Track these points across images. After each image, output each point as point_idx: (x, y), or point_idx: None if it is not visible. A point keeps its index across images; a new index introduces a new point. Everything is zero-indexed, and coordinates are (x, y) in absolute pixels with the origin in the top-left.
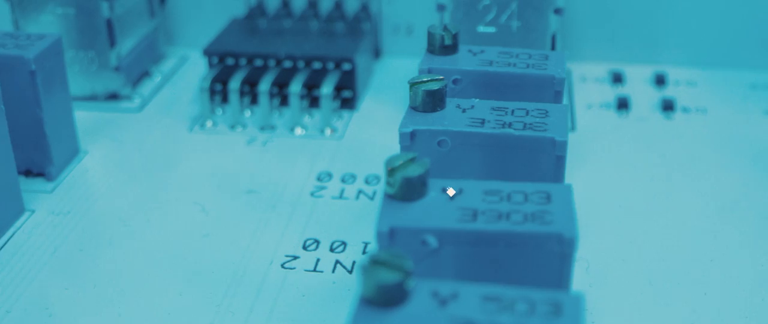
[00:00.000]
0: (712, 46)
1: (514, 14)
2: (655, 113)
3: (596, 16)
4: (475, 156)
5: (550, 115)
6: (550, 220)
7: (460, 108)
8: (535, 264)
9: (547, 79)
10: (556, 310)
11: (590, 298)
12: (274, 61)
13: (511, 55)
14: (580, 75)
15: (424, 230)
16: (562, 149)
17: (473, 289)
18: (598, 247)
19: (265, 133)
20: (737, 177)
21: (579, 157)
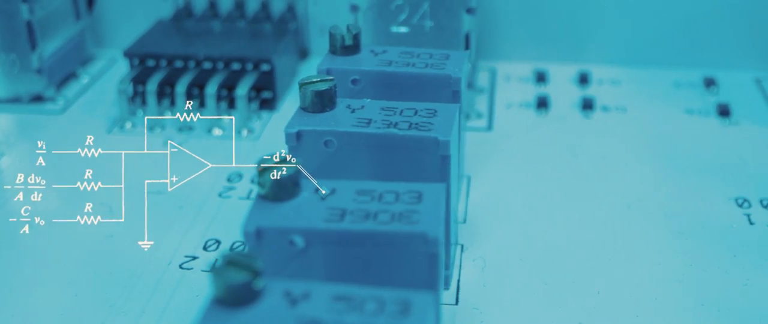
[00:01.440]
0: (637, 44)
1: (426, 14)
2: (574, 112)
3: (522, 15)
4: (361, 156)
5: (439, 114)
6: (417, 220)
7: (350, 108)
8: (404, 264)
9: (444, 79)
10: (404, 310)
11: (483, 297)
12: (193, 62)
13: (412, 55)
14: (505, 74)
15: (291, 230)
16: (445, 149)
17: (325, 289)
18: (498, 246)
19: (183, 134)
20: (646, 176)
21: (492, 156)
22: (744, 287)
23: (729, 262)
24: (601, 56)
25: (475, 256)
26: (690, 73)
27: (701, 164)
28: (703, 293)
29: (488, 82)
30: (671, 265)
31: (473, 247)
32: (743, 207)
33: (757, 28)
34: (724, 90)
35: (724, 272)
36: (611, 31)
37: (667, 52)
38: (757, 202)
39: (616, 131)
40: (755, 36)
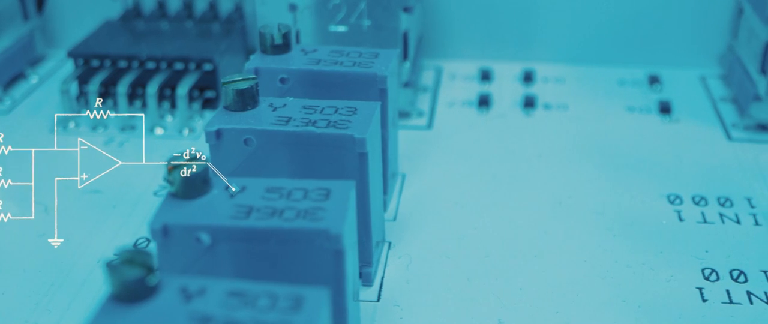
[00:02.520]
0: (583, 43)
1: (363, 13)
2: (515, 110)
3: (469, 14)
4: (281, 154)
5: (359, 112)
6: (322, 217)
7: (272, 107)
8: (309, 260)
9: (371, 77)
10: (296, 305)
11: (405, 294)
12: (137, 62)
13: (341, 54)
14: (450, 73)
15: (197, 227)
16: (362, 146)
17: (221, 285)
18: (426, 243)
19: (125, 134)
20: (580, 173)
21: (429, 154)
22: (667, 283)
23: (655, 258)
24: (547, 55)
25: (401, 254)
26: (635, 71)
27: (638, 161)
28: (625, 289)
29: (433, 80)
30: (597, 262)
31: (401, 245)
32: (675, 204)
33: (703, 27)
34: (668, 88)
35: (649, 268)
36: (558, 29)
37: (613, 51)
38: (689, 198)
39: (556, 129)
40: (701, 34)
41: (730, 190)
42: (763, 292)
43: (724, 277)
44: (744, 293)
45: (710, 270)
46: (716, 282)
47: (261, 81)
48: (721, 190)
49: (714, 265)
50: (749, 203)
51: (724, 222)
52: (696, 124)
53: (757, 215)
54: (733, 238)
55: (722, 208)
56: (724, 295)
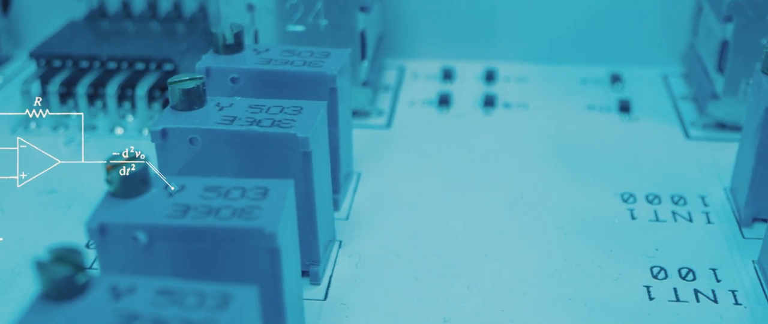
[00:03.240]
0: (546, 42)
1: (320, 13)
2: (475, 109)
3: (432, 14)
4: (226, 153)
5: (304, 112)
6: (257, 215)
7: (219, 106)
8: (246, 259)
9: (320, 76)
10: (223, 303)
11: (352, 293)
12: (98, 62)
13: (293, 54)
14: (413, 72)
15: (133, 226)
16: (305, 145)
17: (152, 284)
18: (377, 242)
19: (86, 134)
20: (536, 172)
21: (386, 154)
22: (614, 282)
23: (604, 257)
24: (510, 54)
25: (351, 252)
26: (598, 70)
27: (594, 160)
28: (573, 288)
29: (395, 80)
30: (546, 260)
31: (352, 243)
32: (628, 202)
33: (665, 25)
34: (629, 86)
35: (597, 267)
36: (521, 29)
37: (576, 50)
38: (643, 197)
39: (515, 128)
40: (663, 33)
41: (685, 189)
42: (711, 290)
43: (673, 275)
44: (691, 291)
45: (659, 268)
46: (664, 280)
47: (212, 81)
48: (676, 189)
49: (663, 264)
50: (703, 201)
51: (677, 220)
52: (655, 123)
53: (710, 213)
54: (684, 236)
55: (675, 206)
56: (671, 294)
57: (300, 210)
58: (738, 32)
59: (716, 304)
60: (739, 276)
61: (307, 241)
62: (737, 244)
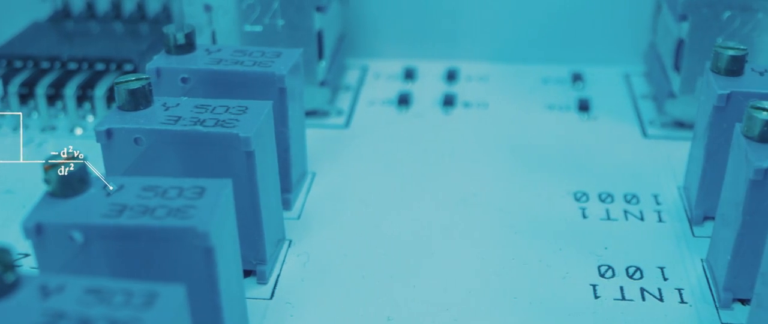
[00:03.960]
0: (508, 41)
1: (277, 13)
2: (434, 108)
3: (394, 13)
4: (171, 153)
5: (249, 111)
6: (192, 215)
7: (165, 106)
8: (181, 258)
9: (269, 76)
10: (149, 302)
11: (299, 292)
12: (59, 63)
13: (244, 54)
14: (375, 72)
15: (69, 226)
16: (248, 145)
17: (80, 283)
18: (327, 241)
19: (45, 134)
20: (490, 170)
21: (342, 153)
22: (561, 280)
23: (553, 255)
24: (473, 53)
25: (300, 252)
26: (560, 69)
27: (550, 159)
28: (519, 286)
29: (357, 79)
30: (494, 259)
31: (301, 243)
32: (581, 201)
33: (627, 24)
34: (590, 85)
35: (545, 266)
36: (484, 28)
37: (539, 49)
38: (596, 196)
39: (473, 127)
40: (625, 32)
41: (638, 187)
42: (657, 289)
43: (620, 273)
44: (637, 290)
45: (607, 267)
46: (611, 279)
47: (163, 81)
48: (629, 187)
49: (611, 262)
50: (656, 200)
51: (628, 219)
52: (613, 122)
53: (662, 212)
54: (634, 234)
55: (628, 205)
56: (617, 292)
57: (244, 209)
58: (693, 31)
59: (662, 302)
60: (687, 274)
61: (253, 241)
62: (687, 242)
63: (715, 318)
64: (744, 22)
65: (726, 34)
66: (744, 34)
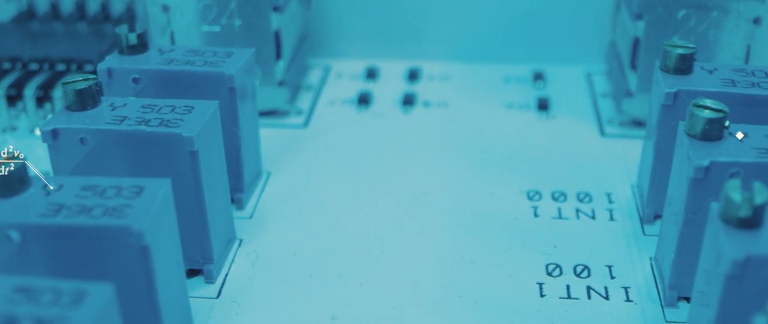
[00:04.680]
0: (470, 41)
1: (234, 13)
2: (394, 108)
3: (358, 13)
4: (117, 153)
5: (194, 111)
6: (128, 214)
7: (112, 106)
8: (119, 257)
9: (218, 76)
10: (77, 300)
11: (246, 291)
12: (20, 63)
13: (196, 54)
14: (338, 72)
15: (6, 225)
16: (191, 144)
17: (9, 281)
18: (277, 240)
19: (6, 135)
20: (446, 169)
21: (299, 153)
22: (508, 279)
23: (501, 253)
24: (435, 53)
25: (250, 251)
26: (521, 68)
27: (506, 158)
28: (464, 285)
29: (319, 79)
30: (442, 258)
31: (252, 242)
32: (533, 200)
33: (589, 23)
34: (551, 84)
35: (493, 264)
36: (446, 27)
37: (501, 48)
38: (549, 194)
39: (431, 126)
40: (587, 31)
41: (592, 186)
42: (603, 287)
43: (568, 272)
44: (584, 288)
45: (555, 265)
46: (558, 277)
47: (115, 81)
48: (583, 186)
49: (560, 261)
50: (609, 199)
51: (579, 218)
52: (572, 120)
53: (614, 211)
54: (585, 233)
55: (580, 203)
56: (563, 291)
57: (190, 209)
58: (649, 29)
59: (607, 301)
60: (634, 273)
61: (200, 240)
62: (637, 241)
63: (659, 316)
64: (699, 21)
65: (681, 33)
66: (699, 33)
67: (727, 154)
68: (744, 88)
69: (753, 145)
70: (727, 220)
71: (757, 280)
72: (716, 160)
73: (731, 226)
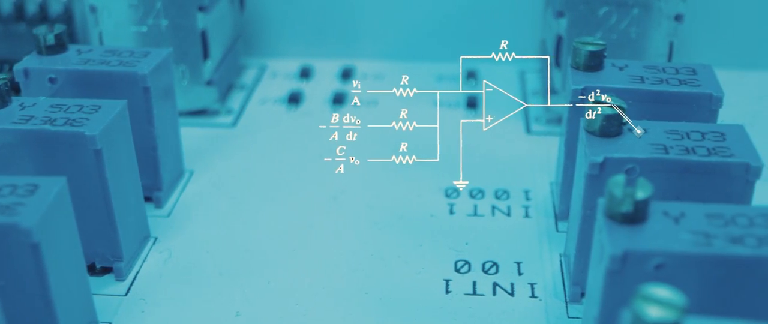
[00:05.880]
0: (405, 39)
1: (160, 13)
2: (324, 107)
3: (294, 13)
4: (24, 153)
5: (101, 110)
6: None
7: (21, 106)
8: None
9: (132, 76)
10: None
11: (155, 288)
12: None
13: (113, 54)
14: (273, 71)
15: None
16: (93, 143)
17: None
18: (192, 239)
19: None
20: (364, 168)
21: (225, 152)
22: (416, 276)
23: (412, 251)
24: (370, 51)
25: (163, 249)
26: (456, 66)
27: (430, 156)
28: (372, 282)
29: (253, 78)
30: (352, 255)
31: (166, 240)
32: (451, 197)
33: (524, 20)
34: (483, 82)
35: (403, 261)
36: (381, 26)
37: (436, 46)
38: (467, 192)
39: (359, 125)
40: (522, 28)
41: (512, 183)
42: (510, 284)
43: (476, 269)
44: (490, 285)
45: (464, 262)
46: (466, 274)
47: (32, 81)
48: (503, 183)
49: (469, 258)
50: (526, 196)
51: (495, 214)
52: (500, 118)
53: (530, 208)
54: (498, 230)
55: (497, 201)
56: (469, 287)
57: (98, 207)
58: (571, 27)
59: (512, 297)
60: (543, 269)
61: (108, 238)
62: (549, 237)
63: (563, 312)
64: (621, 18)
65: (603, 30)
66: (621, 30)
67: (622, 150)
68: (652, 85)
69: (650, 141)
70: (611, 216)
71: (637, 275)
72: (610, 156)
73: (615, 222)
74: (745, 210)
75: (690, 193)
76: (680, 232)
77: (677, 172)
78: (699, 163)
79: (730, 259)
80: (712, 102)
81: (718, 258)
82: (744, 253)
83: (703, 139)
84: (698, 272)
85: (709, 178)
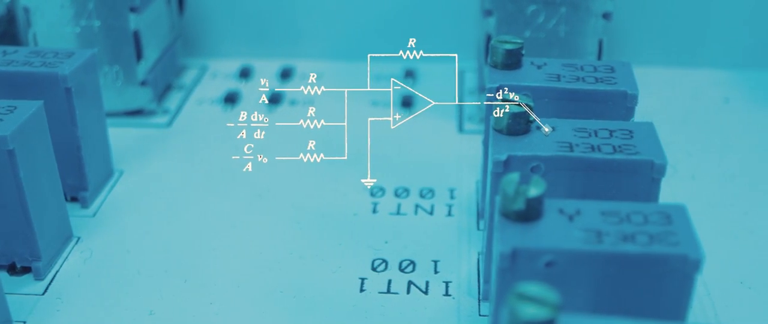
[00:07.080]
0: (345, 39)
1: (92, 13)
2: (260, 107)
3: (235, 13)
4: None
5: (16, 111)
6: None
7: None
8: None
9: (53, 77)
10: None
11: (73, 288)
12: None
13: (38, 55)
14: (213, 71)
15: None
16: (5, 144)
17: None
18: (115, 238)
19: None
20: (291, 167)
21: (157, 152)
22: (332, 274)
23: (331, 249)
24: (311, 51)
25: (85, 248)
26: (395, 65)
27: (358, 154)
28: (288, 280)
29: (193, 79)
30: (271, 254)
31: (89, 240)
32: (376, 196)
33: (463, 19)
34: (421, 81)
35: (320, 260)
36: (322, 26)
37: (375, 46)
38: (392, 191)
39: (291, 125)
40: (461, 27)
41: (438, 182)
42: (425, 282)
43: (393, 267)
44: (405, 283)
45: (381, 260)
46: (383, 272)
47: None
48: (429, 182)
49: (387, 256)
50: (451, 195)
51: (417, 213)
52: (434, 117)
53: (454, 206)
54: (419, 229)
55: (422, 199)
56: (384, 285)
57: (14, 208)
58: (499, 26)
59: (426, 295)
60: (459, 268)
61: (26, 238)
62: (470, 236)
63: (474, 310)
64: (549, 17)
65: (532, 29)
66: (550, 29)
67: (527, 148)
68: (567, 83)
69: (557, 139)
70: (505, 214)
71: (528, 272)
72: (514, 154)
73: (509, 220)
74: (641, 207)
75: (598, 191)
76: (573, 229)
77: (582, 170)
78: (603, 160)
79: (618, 257)
80: (627, 99)
81: (607, 255)
82: (632, 251)
83: (610, 136)
84: (589, 269)
85: (615, 176)
